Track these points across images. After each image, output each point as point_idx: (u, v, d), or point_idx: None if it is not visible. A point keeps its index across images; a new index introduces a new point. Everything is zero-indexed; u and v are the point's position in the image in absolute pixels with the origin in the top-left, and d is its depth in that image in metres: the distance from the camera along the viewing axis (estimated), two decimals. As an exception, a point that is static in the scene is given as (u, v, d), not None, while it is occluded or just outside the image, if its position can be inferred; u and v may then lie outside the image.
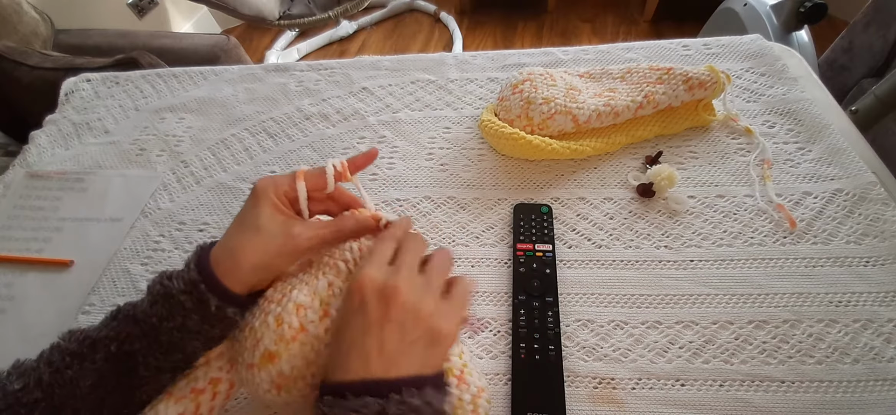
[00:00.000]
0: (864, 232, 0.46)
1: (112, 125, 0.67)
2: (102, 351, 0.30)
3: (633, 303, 0.44)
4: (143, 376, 0.31)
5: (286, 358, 0.30)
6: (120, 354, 0.30)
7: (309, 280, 0.33)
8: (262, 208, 0.32)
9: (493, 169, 0.56)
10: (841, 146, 0.53)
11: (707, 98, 0.55)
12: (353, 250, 0.34)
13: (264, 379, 0.31)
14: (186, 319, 0.30)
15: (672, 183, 0.49)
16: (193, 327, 0.30)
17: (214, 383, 0.33)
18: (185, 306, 0.30)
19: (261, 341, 0.31)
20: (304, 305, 0.31)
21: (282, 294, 0.33)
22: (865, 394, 0.37)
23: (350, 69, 0.70)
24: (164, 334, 0.30)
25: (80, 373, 0.29)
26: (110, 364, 0.30)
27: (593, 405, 0.38)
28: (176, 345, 0.30)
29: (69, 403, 0.29)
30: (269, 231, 0.31)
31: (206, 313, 0.30)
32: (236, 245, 0.31)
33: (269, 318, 0.31)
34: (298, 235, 0.32)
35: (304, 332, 0.31)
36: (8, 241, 0.55)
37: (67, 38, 1.24)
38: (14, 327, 0.47)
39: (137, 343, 0.30)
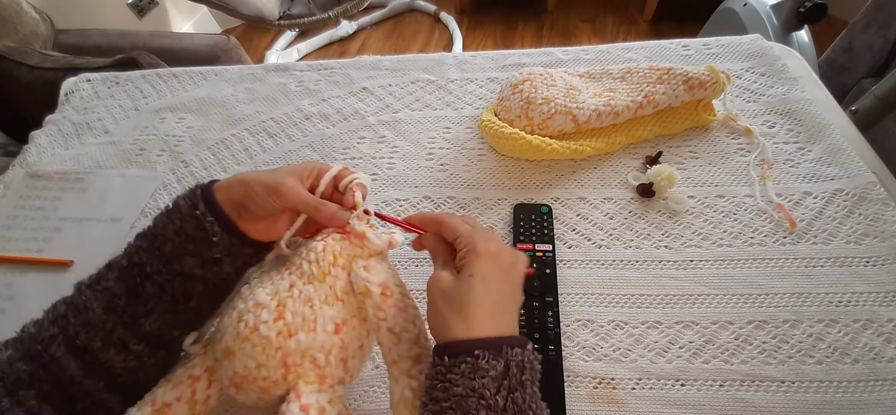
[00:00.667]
0: (864, 232, 0.46)
1: (112, 125, 0.67)
2: (116, 269, 0.32)
3: (633, 303, 0.44)
4: (148, 294, 0.31)
5: (240, 357, 0.30)
6: (130, 266, 0.32)
7: (274, 278, 0.33)
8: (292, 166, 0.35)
9: (493, 169, 0.56)
10: (841, 146, 0.53)
11: (707, 98, 0.55)
12: (318, 251, 0.33)
13: (225, 374, 0.31)
14: (183, 222, 0.32)
15: (672, 183, 0.49)
16: (189, 231, 0.32)
17: (210, 371, 0.34)
18: (183, 209, 0.32)
19: (224, 335, 0.31)
20: (262, 303, 0.31)
21: (251, 290, 0.32)
22: (865, 394, 0.37)
23: (350, 69, 0.70)
24: (166, 242, 0.32)
25: (92, 296, 0.31)
26: (121, 282, 0.32)
27: (593, 405, 0.38)
28: (175, 253, 0.32)
29: (82, 331, 0.30)
30: (278, 171, 0.34)
31: (196, 218, 0.32)
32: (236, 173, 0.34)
33: (234, 313, 0.31)
34: (287, 182, 0.33)
35: (256, 332, 0.30)
36: (8, 241, 0.55)
37: (67, 38, 1.24)
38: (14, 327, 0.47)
39: (145, 255, 0.32)
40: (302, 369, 0.30)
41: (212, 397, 0.34)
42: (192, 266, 0.32)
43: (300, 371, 0.30)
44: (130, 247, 0.33)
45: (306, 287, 0.31)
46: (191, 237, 0.32)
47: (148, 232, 0.33)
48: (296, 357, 0.30)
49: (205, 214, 0.32)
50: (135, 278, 0.32)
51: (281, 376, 0.30)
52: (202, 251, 0.32)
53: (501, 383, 0.26)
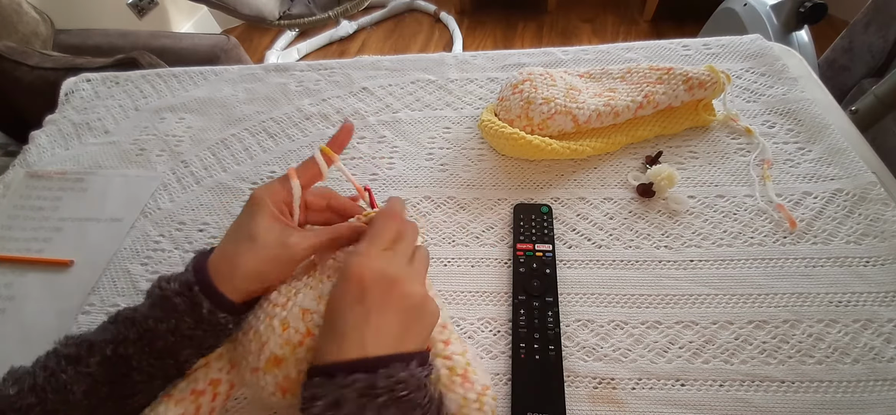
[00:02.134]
0: (864, 232, 0.46)
1: (112, 125, 0.67)
2: (98, 354, 0.30)
3: (633, 303, 0.44)
4: (135, 382, 0.31)
5: (293, 362, 0.31)
6: (115, 357, 0.30)
7: (314, 284, 0.33)
8: (259, 218, 0.32)
9: (493, 169, 0.56)
10: (841, 146, 0.53)
11: (707, 98, 0.55)
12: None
13: (270, 383, 0.31)
14: (180, 321, 0.30)
15: (672, 183, 0.49)
16: (186, 331, 0.30)
17: (214, 384, 0.34)
18: (179, 308, 0.30)
19: (266, 345, 0.31)
20: (310, 309, 0.31)
21: (287, 298, 0.33)
22: (865, 394, 0.37)
23: (350, 69, 0.70)
24: (159, 338, 0.30)
25: (74, 377, 0.29)
26: (104, 369, 0.30)
27: (593, 405, 0.38)
28: (169, 350, 0.30)
29: (62, 409, 0.29)
30: (266, 240, 0.32)
31: (198, 316, 0.30)
32: (232, 252, 0.31)
33: (275, 322, 0.31)
34: (295, 244, 0.32)
35: (310, 336, 0.31)
36: (8, 241, 0.55)
37: (67, 38, 1.24)
38: (14, 327, 0.47)
39: (132, 347, 0.30)
40: None
41: (216, 410, 0.34)
42: (188, 355, 0.31)
43: None
44: (114, 334, 0.31)
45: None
46: (188, 335, 0.30)
47: (136, 323, 0.31)
48: None
49: (213, 311, 0.30)
50: (120, 369, 0.30)
51: None
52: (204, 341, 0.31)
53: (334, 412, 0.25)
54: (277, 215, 0.33)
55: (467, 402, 0.32)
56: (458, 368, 0.33)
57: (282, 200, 0.34)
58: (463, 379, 0.32)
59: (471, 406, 0.32)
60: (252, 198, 0.33)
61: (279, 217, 0.33)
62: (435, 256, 0.49)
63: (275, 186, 0.34)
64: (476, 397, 0.32)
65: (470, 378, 0.33)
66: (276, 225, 0.32)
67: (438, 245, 0.50)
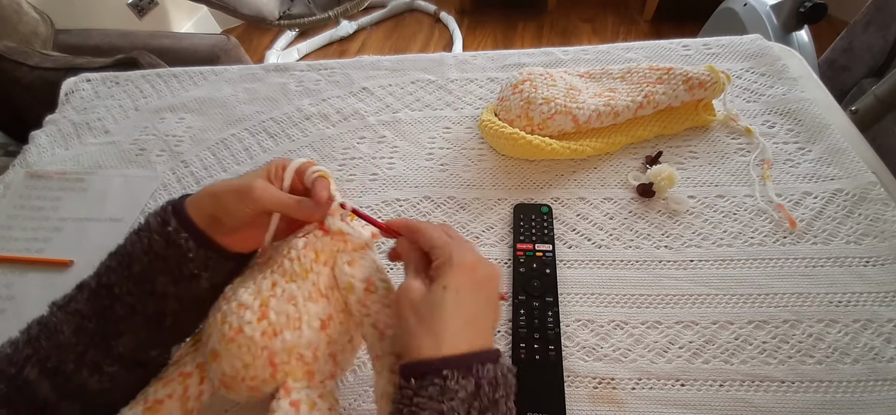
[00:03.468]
0: (864, 232, 0.46)
1: (112, 125, 0.67)
2: (86, 290, 0.31)
3: (633, 303, 0.44)
4: (119, 316, 0.31)
5: (226, 358, 0.30)
6: (99, 288, 0.31)
7: (257, 278, 0.32)
8: (258, 170, 0.34)
9: (493, 169, 0.56)
10: (841, 146, 0.53)
11: (707, 98, 0.55)
12: (299, 248, 0.33)
13: (214, 376, 0.31)
14: (152, 240, 0.31)
15: (672, 183, 0.49)
16: (158, 250, 0.31)
17: (202, 367, 0.33)
18: (152, 226, 0.31)
19: (210, 337, 0.31)
20: (245, 304, 0.31)
21: (233, 291, 0.32)
22: (865, 394, 0.37)
23: (350, 69, 0.70)
24: (136, 261, 0.31)
25: (63, 318, 0.30)
26: (91, 303, 0.31)
27: (593, 405, 0.38)
28: (145, 274, 0.31)
29: (54, 353, 0.30)
30: (245, 177, 0.33)
31: (167, 235, 0.31)
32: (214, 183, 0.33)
33: (218, 315, 0.31)
34: (257, 185, 0.32)
35: (240, 333, 0.30)
36: (8, 241, 0.55)
37: (67, 38, 1.24)
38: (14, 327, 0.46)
39: (114, 275, 0.31)
40: (289, 366, 0.30)
41: (204, 392, 0.34)
42: (163, 284, 0.31)
43: (288, 369, 0.30)
44: (101, 266, 0.32)
45: (289, 285, 0.31)
46: (161, 255, 0.31)
47: (118, 251, 0.32)
48: (282, 355, 0.30)
49: (177, 230, 0.31)
50: (104, 300, 0.31)
51: (268, 375, 0.30)
52: (174, 269, 0.31)
53: (472, 405, 0.25)
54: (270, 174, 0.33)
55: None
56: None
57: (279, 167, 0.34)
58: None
59: None
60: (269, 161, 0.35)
61: (270, 175, 0.33)
62: (435, 256, 0.49)
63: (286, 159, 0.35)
64: None
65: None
66: (262, 174, 0.33)
67: (438, 245, 0.50)
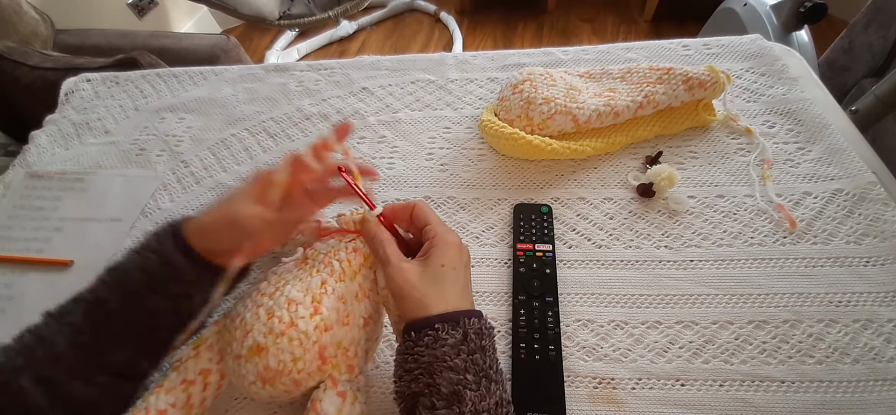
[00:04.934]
0: (864, 232, 0.46)
1: (112, 125, 0.67)
2: (82, 303, 0.32)
3: (633, 303, 0.44)
4: (112, 331, 0.31)
5: (274, 351, 0.31)
6: (94, 302, 0.32)
7: (302, 276, 0.34)
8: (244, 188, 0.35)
9: (493, 169, 0.56)
10: (841, 146, 0.53)
11: (707, 98, 0.55)
12: (348, 250, 0.36)
13: (250, 371, 0.31)
14: (148, 258, 0.32)
15: (672, 183, 0.49)
16: (152, 269, 0.32)
17: (204, 374, 0.34)
18: (151, 246, 0.33)
19: (250, 332, 0.31)
20: (296, 300, 0.32)
21: (275, 287, 0.33)
22: (865, 394, 0.37)
23: (350, 69, 0.70)
24: (129, 280, 0.32)
25: (57, 330, 0.31)
26: (85, 317, 0.31)
27: (593, 405, 0.38)
28: (140, 292, 0.32)
29: (48, 364, 0.30)
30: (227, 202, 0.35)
31: (164, 255, 0.32)
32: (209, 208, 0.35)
33: (260, 310, 0.32)
34: (241, 210, 0.33)
35: (293, 327, 0.31)
36: (8, 241, 0.55)
37: (67, 38, 1.24)
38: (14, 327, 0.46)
39: (108, 290, 0.32)
40: (336, 360, 0.33)
41: (207, 399, 0.34)
42: (157, 302, 0.32)
43: (334, 363, 0.33)
44: (97, 280, 0.33)
45: (338, 285, 0.34)
46: (155, 275, 0.32)
47: (115, 266, 0.33)
48: (331, 350, 0.32)
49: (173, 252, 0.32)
50: (98, 315, 0.32)
51: (316, 368, 0.32)
52: (169, 288, 0.32)
53: (460, 348, 0.29)
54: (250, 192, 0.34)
55: None
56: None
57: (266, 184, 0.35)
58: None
59: None
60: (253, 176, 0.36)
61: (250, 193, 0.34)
62: (435, 256, 0.49)
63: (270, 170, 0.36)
64: None
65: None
66: (242, 196, 0.34)
67: (438, 245, 0.50)
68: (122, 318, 0.32)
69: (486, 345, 0.31)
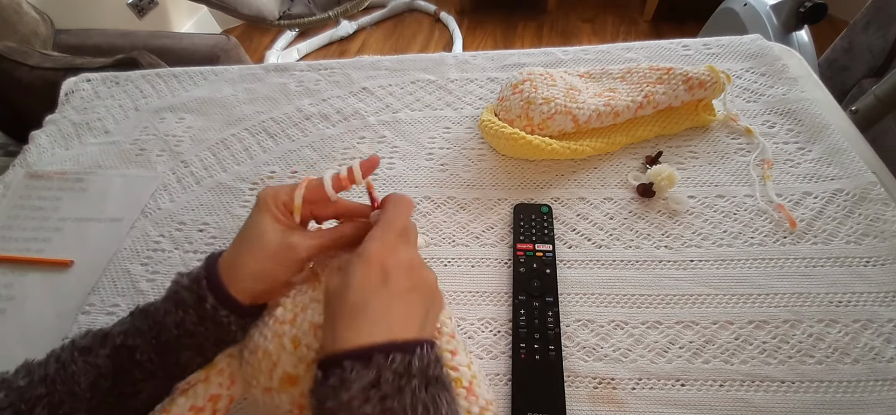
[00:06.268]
0: (864, 232, 0.46)
1: (112, 125, 0.67)
2: (109, 345, 0.31)
3: (633, 303, 0.44)
4: (137, 378, 0.31)
5: (307, 379, 0.30)
6: (122, 348, 0.31)
7: (319, 298, 0.33)
8: (262, 219, 0.33)
9: (493, 169, 0.56)
10: (841, 146, 0.53)
11: (707, 98, 0.55)
12: None
13: (285, 401, 0.31)
14: (186, 315, 0.30)
15: (672, 183, 0.49)
16: (190, 326, 0.30)
17: (214, 399, 0.33)
18: (187, 302, 0.31)
19: (278, 364, 0.31)
20: (319, 324, 0.31)
21: (293, 314, 0.32)
22: (865, 394, 0.37)
23: (350, 69, 0.70)
24: (165, 331, 0.31)
25: (82, 368, 0.30)
26: (111, 360, 0.31)
27: (593, 405, 0.38)
28: (172, 345, 0.31)
29: (67, 401, 0.29)
30: (268, 241, 0.32)
31: (203, 311, 0.30)
32: (237, 253, 0.32)
33: (285, 340, 0.31)
34: (297, 244, 0.32)
35: None
36: (8, 241, 0.55)
37: (67, 38, 1.24)
38: (14, 327, 0.47)
39: (140, 339, 0.31)
40: None
41: None
42: (190, 357, 0.32)
43: None
44: (128, 324, 0.32)
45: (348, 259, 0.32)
46: (191, 332, 0.31)
47: (148, 314, 0.32)
48: None
49: (216, 307, 0.31)
50: (124, 362, 0.31)
51: None
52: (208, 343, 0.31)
53: (369, 394, 0.24)
54: (278, 216, 0.33)
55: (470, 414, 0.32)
56: (463, 379, 0.32)
57: (283, 203, 0.34)
58: (468, 392, 0.32)
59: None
60: (257, 199, 0.34)
61: (280, 218, 0.33)
62: (435, 255, 0.49)
63: (278, 189, 0.35)
64: (479, 411, 0.32)
65: (474, 391, 0.32)
66: (277, 225, 0.33)
67: (438, 245, 0.50)
68: (149, 368, 0.31)
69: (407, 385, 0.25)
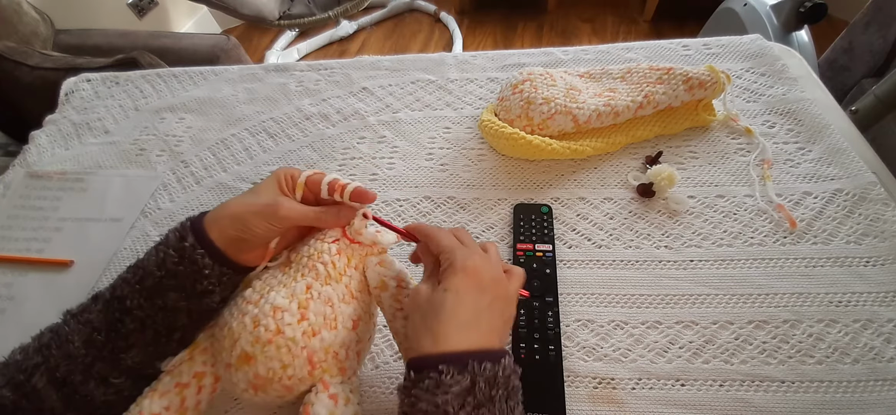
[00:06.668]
0: (864, 232, 0.46)
1: (112, 125, 0.67)
2: (100, 301, 0.32)
3: (633, 303, 0.44)
4: (129, 330, 0.31)
5: (262, 360, 0.30)
6: (112, 299, 0.32)
7: (287, 282, 0.33)
8: (268, 182, 0.35)
9: (493, 169, 0.56)
10: (841, 146, 0.53)
11: (707, 98, 0.55)
12: (332, 252, 0.34)
13: (241, 379, 0.31)
14: (166, 254, 0.32)
15: (672, 183, 0.49)
16: (170, 265, 0.31)
17: (199, 377, 0.34)
18: (170, 241, 0.32)
19: (238, 341, 0.31)
20: (281, 307, 0.31)
21: (260, 295, 0.32)
22: (865, 394, 0.37)
23: (350, 69, 0.70)
24: (149, 276, 0.31)
25: (75, 328, 0.31)
26: (103, 315, 0.31)
27: (593, 405, 0.38)
28: (157, 289, 0.31)
29: (63, 363, 0.30)
30: (260, 193, 0.34)
31: (182, 250, 0.31)
32: (229, 201, 0.34)
33: (246, 319, 0.31)
34: (282, 203, 0.33)
35: (280, 335, 0.30)
36: (8, 241, 0.55)
37: (67, 38, 1.24)
38: (14, 327, 0.47)
39: (127, 287, 0.32)
40: (326, 364, 0.32)
41: (202, 402, 0.34)
42: (175, 300, 0.32)
43: (325, 367, 0.32)
44: (117, 278, 0.33)
45: (324, 288, 0.33)
46: (173, 271, 0.31)
47: (136, 264, 0.33)
48: (320, 354, 0.32)
49: (194, 246, 0.31)
50: (115, 313, 0.31)
51: (306, 373, 0.31)
52: (188, 285, 0.32)
53: (465, 399, 0.26)
54: (282, 186, 0.35)
55: None
56: None
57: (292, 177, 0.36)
58: None
59: None
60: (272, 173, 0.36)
61: (282, 186, 0.35)
62: (435, 256, 0.49)
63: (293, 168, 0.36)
64: None
65: None
66: (276, 187, 0.34)
67: (438, 245, 0.50)
68: (139, 316, 0.31)
69: (497, 395, 0.27)
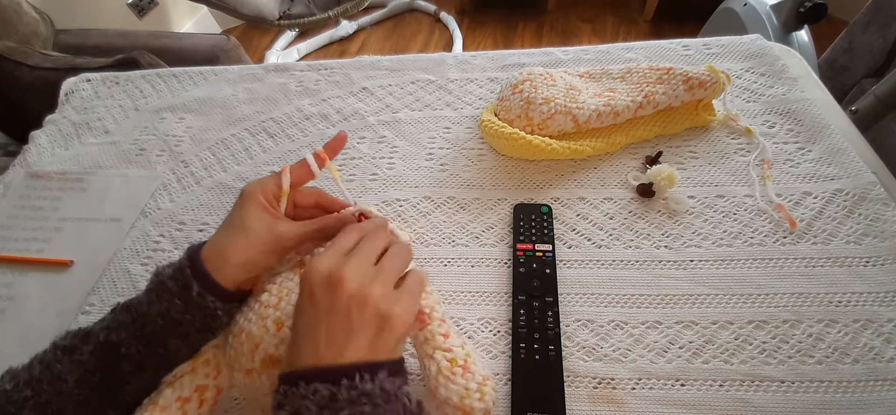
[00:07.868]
0: (864, 232, 0.46)
1: (112, 125, 0.67)
2: (93, 342, 0.31)
3: (633, 303, 0.44)
4: (125, 372, 0.31)
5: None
6: (107, 343, 0.31)
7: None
8: (249, 209, 0.33)
9: (493, 169, 0.56)
10: (841, 146, 0.53)
11: (707, 98, 0.55)
12: None
13: (265, 383, 0.31)
14: (171, 304, 0.30)
15: (672, 183, 0.49)
16: (175, 315, 0.31)
17: (201, 390, 0.33)
18: (171, 290, 0.31)
19: (260, 345, 0.31)
20: None
21: (278, 298, 0.33)
22: (865, 394, 0.37)
23: (350, 69, 0.70)
24: (149, 322, 0.31)
25: (68, 367, 0.30)
26: (96, 357, 0.31)
27: (593, 405, 0.38)
28: (158, 335, 0.31)
29: (55, 400, 0.29)
30: (255, 230, 0.33)
31: (188, 299, 0.30)
32: (224, 243, 0.32)
33: (268, 322, 0.31)
34: (283, 232, 0.33)
35: None
36: (8, 241, 0.55)
37: (67, 38, 1.24)
38: (14, 327, 0.47)
39: (124, 332, 0.31)
40: None
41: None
42: (177, 345, 0.31)
43: None
44: (110, 321, 0.32)
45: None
46: (178, 320, 0.31)
47: (130, 308, 0.32)
48: None
49: (202, 294, 0.31)
50: (110, 357, 0.31)
51: None
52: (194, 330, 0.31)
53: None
54: (266, 206, 0.34)
55: (469, 392, 0.32)
56: (458, 359, 0.33)
57: (271, 194, 0.35)
58: (463, 370, 0.33)
59: (472, 396, 0.32)
60: (242, 192, 0.34)
61: (268, 208, 0.34)
62: (435, 256, 0.49)
63: (265, 180, 0.35)
64: (477, 387, 0.33)
65: (470, 369, 0.33)
66: (265, 215, 0.33)
67: (438, 245, 0.50)
68: (137, 360, 0.31)
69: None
